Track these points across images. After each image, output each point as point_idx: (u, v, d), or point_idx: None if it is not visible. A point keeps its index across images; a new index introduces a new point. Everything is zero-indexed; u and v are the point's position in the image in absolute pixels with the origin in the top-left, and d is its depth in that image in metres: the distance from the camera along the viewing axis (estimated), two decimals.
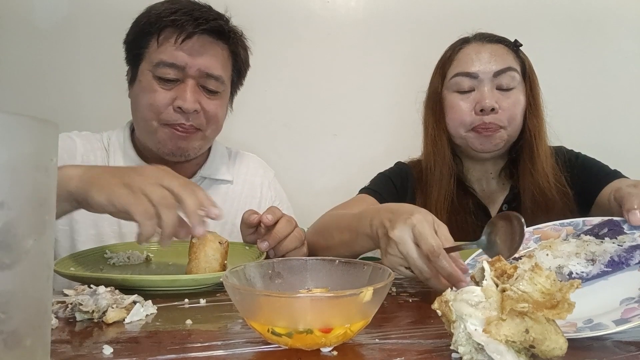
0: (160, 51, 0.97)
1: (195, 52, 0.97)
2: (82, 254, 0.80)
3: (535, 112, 1.08)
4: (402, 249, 0.64)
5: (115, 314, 0.53)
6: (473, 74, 1.05)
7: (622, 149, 1.55)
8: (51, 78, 1.62)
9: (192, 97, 0.97)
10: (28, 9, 1.61)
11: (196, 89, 0.99)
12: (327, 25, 1.67)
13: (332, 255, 0.87)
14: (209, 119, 1.01)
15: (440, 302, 0.44)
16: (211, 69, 0.99)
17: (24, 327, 0.29)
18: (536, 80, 1.11)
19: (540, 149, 1.06)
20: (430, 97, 1.15)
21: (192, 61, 0.97)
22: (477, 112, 1.04)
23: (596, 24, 1.67)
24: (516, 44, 1.11)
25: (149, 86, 0.98)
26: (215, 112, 1.02)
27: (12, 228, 0.28)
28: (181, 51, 0.96)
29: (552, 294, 0.41)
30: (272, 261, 0.55)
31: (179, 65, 0.96)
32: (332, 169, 1.66)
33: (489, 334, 0.39)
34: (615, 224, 0.69)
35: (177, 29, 0.96)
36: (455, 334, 0.41)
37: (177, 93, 0.97)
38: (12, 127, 0.29)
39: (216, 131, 1.07)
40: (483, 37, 1.10)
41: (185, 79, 0.98)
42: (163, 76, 0.97)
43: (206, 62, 0.98)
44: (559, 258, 0.62)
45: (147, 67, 0.99)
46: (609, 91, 1.66)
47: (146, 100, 0.98)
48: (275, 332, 0.43)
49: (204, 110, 1.00)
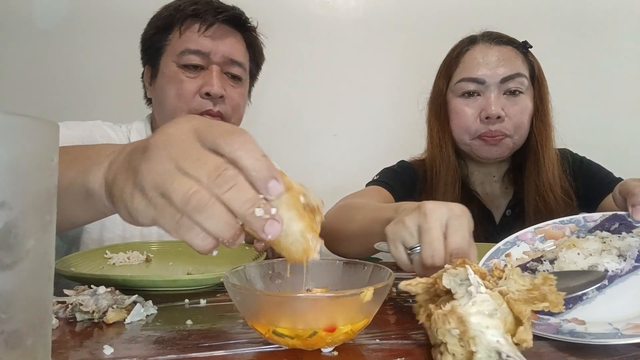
0: (183, 40, 1.00)
1: (218, 38, 1.01)
2: (82, 254, 0.80)
3: (543, 117, 1.05)
4: (430, 224, 0.54)
5: (116, 314, 0.53)
6: (479, 79, 1.02)
7: (625, 148, 1.55)
8: (51, 78, 1.62)
9: (219, 82, 0.99)
10: (28, 9, 1.61)
11: (221, 75, 1.01)
12: (327, 25, 1.67)
13: (344, 249, 0.85)
14: (233, 108, 1.03)
15: (442, 316, 0.39)
16: (234, 55, 1.03)
17: (25, 327, 0.29)
18: (545, 84, 1.07)
19: (547, 157, 1.03)
20: (434, 100, 1.11)
21: (216, 47, 1.00)
22: (483, 119, 1.01)
23: (598, 24, 1.67)
24: (526, 46, 1.07)
25: (175, 76, 1.00)
26: (239, 101, 1.05)
27: (13, 228, 0.28)
28: (205, 38, 1.00)
29: (539, 288, 0.41)
30: (273, 261, 0.55)
31: (204, 51, 0.99)
32: (332, 169, 1.66)
33: (525, 342, 0.38)
34: (623, 218, 0.68)
35: (199, 19, 1.00)
36: (478, 350, 0.36)
37: (203, 80, 0.99)
38: (12, 127, 0.29)
39: (239, 121, 1.08)
40: (491, 38, 1.06)
41: (210, 66, 1.00)
42: (188, 63, 0.99)
43: (229, 48, 1.02)
44: (590, 257, 0.60)
45: (171, 58, 1.01)
46: (611, 91, 1.66)
47: (174, 91, 0.99)
48: (277, 332, 0.43)
49: (228, 97, 1.02)
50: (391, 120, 1.66)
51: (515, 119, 1.01)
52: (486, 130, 1.01)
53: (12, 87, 1.61)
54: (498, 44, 1.05)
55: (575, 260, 0.59)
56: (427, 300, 0.46)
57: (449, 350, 0.38)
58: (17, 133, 0.29)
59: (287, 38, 1.66)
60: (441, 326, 0.38)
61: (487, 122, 1.01)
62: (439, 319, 0.39)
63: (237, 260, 0.80)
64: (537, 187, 1.03)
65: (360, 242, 0.78)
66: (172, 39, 1.02)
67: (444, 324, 0.38)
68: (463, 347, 0.37)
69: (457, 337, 0.38)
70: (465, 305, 0.39)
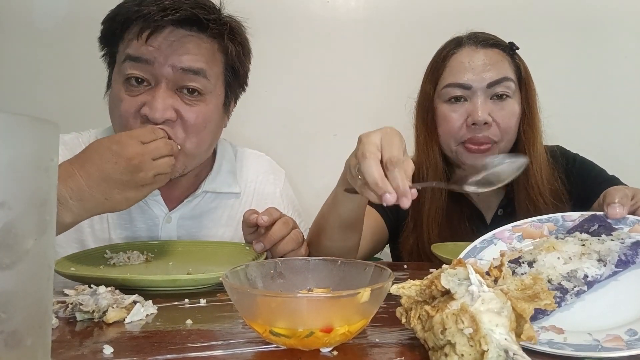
0: (125, 45, 0.84)
1: (167, 45, 0.82)
2: (82, 254, 0.80)
3: (531, 121, 1.03)
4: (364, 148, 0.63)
5: (116, 313, 0.53)
6: (465, 85, 1.00)
7: (622, 149, 1.55)
8: (51, 78, 1.62)
9: (162, 104, 0.81)
10: (28, 9, 1.61)
11: (169, 93, 0.83)
12: (327, 25, 1.67)
13: (328, 239, 0.87)
14: (187, 130, 0.84)
15: (453, 316, 0.38)
16: (188, 62, 0.83)
17: (25, 327, 0.29)
18: (532, 87, 1.05)
19: (535, 162, 1.01)
20: (421, 105, 1.09)
21: (162, 56, 0.82)
22: (469, 125, 0.99)
23: (597, 23, 1.67)
24: (512, 48, 1.04)
25: (117, 94, 0.84)
26: (196, 122, 0.84)
27: (12, 228, 0.28)
28: (149, 46, 0.82)
29: (531, 287, 0.42)
30: (275, 261, 0.55)
31: (146, 59, 0.82)
32: (332, 169, 1.65)
33: (533, 339, 0.38)
34: (602, 219, 0.68)
35: (143, 21, 0.82)
36: (490, 349, 0.36)
37: (145, 98, 0.82)
38: (12, 127, 0.29)
39: (201, 145, 0.89)
40: (477, 41, 1.03)
41: (158, 82, 0.83)
42: (129, 74, 0.82)
43: (181, 54, 0.83)
44: (570, 261, 0.59)
45: (117, 68, 0.86)
46: (610, 91, 1.66)
47: (116, 112, 0.85)
48: (274, 332, 0.43)
49: (181, 119, 0.84)
50: (391, 120, 1.64)
51: (503, 124, 1.00)
52: (472, 136, 0.99)
53: (12, 87, 1.61)
54: (484, 47, 1.02)
55: (554, 264, 0.58)
56: (419, 302, 0.45)
57: (457, 350, 0.38)
58: (17, 133, 0.29)
59: (287, 38, 1.66)
60: (451, 326, 0.38)
61: (473, 129, 0.99)
62: (448, 319, 0.39)
63: (237, 260, 0.80)
64: (526, 191, 1.01)
65: (333, 221, 0.84)
66: (119, 45, 0.86)
67: (455, 324, 0.38)
68: (472, 347, 0.37)
69: (467, 337, 0.37)
70: (475, 304, 0.38)
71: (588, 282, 0.55)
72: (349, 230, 0.86)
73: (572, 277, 0.56)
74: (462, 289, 0.41)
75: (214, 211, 1.00)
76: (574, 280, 0.55)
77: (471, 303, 0.39)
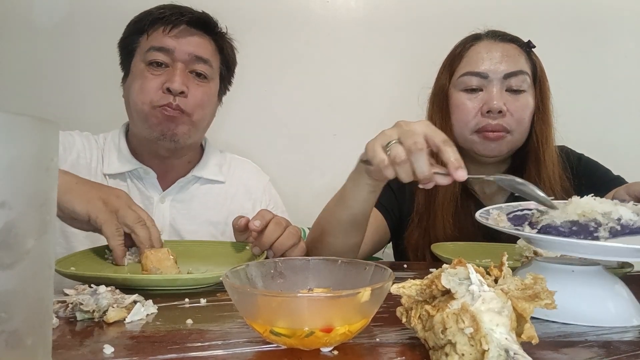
0: (150, 40, 1.05)
1: (183, 37, 1.05)
2: (82, 254, 0.80)
3: (544, 117, 1.05)
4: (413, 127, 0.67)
5: (116, 313, 0.53)
6: (482, 74, 1.02)
7: (625, 148, 1.55)
8: (51, 78, 1.62)
9: (180, 79, 1.02)
10: (28, 9, 1.61)
11: (185, 73, 1.04)
12: (327, 25, 1.67)
13: (332, 236, 0.88)
14: (195, 105, 1.05)
15: (453, 315, 0.38)
16: (200, 52, 1.05)
17: (25, 327, 0.29)
18: (547, 84, 1.07)
19: (547, 157, 1.03)
20: (436, 95, 1.11)
21: (180, 45, 1.04)
22: (484, 113, 1.01)
23: (598, 23, 1.67)
24: (529, 45, 1.07)
25: (141, 74, 1.04)
26: (202, 98, 1.06)
27: (13, 228, 0.28)
28: (169, 37, 1.04)
29: (532, 287, 0.41)
30: (275, 261, 0.55)
31: (168, 48, 1.03)
32: (332, 169, 1.66)
33: (533, 339, 0.38)
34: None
35: (165, 21, 1.04)
36: (490, 349, 0.36)
37: (167, 77, 1.02)
38: (12, 127, 0.29)
39: (204, 119, 1.09)
40: (495, 35, 1.06)
41: (175, 64, 1.03)
42: (153, 59, 1.03)
43: (193, 46, 1.05)
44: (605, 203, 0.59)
45: (139, 58, 1.05)
46: (611, 91, 1.66)
47: (138, 86, 1.03)
48: (274, 332, 0.43)
49: (191, 94, 1.04)
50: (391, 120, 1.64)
51: (517, 115, 1.01)
52: (486, 123, 1.01)
53: (12, 87, 1.61)
54: (502, 41, 1.05)
55: (590, 202, 0.59)
56: (419, 302, 0.45)
57: (458, 350, 0.38)
58: (17, 133, 0.29)
59: (287, 38, 1.66)
60: (452, 325, 0.38)
61: (488, 116, 1.01)
62: (449, 318, 0.39)
63: (237, 260, 0.80)
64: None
65: (341, 213, 0.86)
66: (141, 41, 1.07)
67: (456, 323, 0.38)
68: (473, 346, 0.37)
69: (467, 337, 0.37)
70: (476, 303, 0.39)
71: (621, 225, 0.56)
72: (355, 227, 0.87)
73: (607, 216, 0.57)
74: (462, 288, 0.41)
75: (203, 196, 1.16)
76: (608, 218, 0.57)
77: (472, 302, 0.39)
